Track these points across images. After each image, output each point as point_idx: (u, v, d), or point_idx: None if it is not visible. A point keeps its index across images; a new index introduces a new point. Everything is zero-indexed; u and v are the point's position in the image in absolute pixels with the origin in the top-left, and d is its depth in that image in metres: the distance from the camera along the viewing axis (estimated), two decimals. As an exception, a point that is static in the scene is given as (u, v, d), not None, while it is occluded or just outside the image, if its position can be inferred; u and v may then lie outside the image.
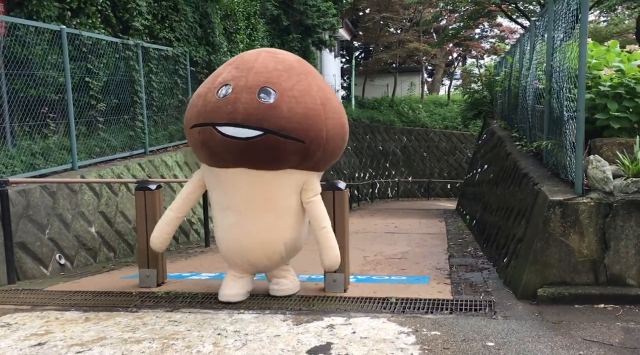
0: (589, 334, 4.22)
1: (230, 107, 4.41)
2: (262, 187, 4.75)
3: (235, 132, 4.40)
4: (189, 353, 4.03)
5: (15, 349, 4.20)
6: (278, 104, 4.42)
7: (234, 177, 4.74)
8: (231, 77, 4.56)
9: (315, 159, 4.74)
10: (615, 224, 4.85)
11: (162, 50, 11.49)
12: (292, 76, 4.60)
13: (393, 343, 4.13)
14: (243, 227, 4.85)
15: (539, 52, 8.41)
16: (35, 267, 6.51)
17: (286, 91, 4.48)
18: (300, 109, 4.49)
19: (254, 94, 4.42)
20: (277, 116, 4.40)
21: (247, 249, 4.94)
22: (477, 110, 21.43)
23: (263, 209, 4.81)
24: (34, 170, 7.43)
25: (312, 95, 4.61)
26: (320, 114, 4.59)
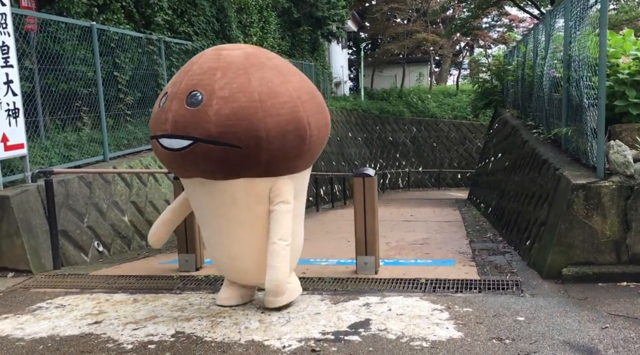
0: (614, 308, 4.48)
1: (164, 116, 4.05)
2: (220, 198, 4.33)
3: (169, 143, 4.04)
4: (238, 329, 4.30)
5: (74, 327, 4.49)
6: (204, 108, 3.94)
7: (194, 188, 4.44)
8: (171, 84, 4.23)
9: (262, 163, 4.13)
10: (637, 205, 5.09)
11: (182, 44, 11.75)
12: (228, 74, 4.05)
13: (428, 319, 4.40)
14: (215, 239, 4.57)
15: (555, 41, 8.63)
16: (76, 253, 6.81)
17: (215, 92, 3.97)
18: (229, 110, 3.93)
19: (183, 101, 3.99)
20: (203, 121, 3.92)
21: (224, 263, 4.68)
22: (488, 100, 21.59)
23: (229, 220, 4.40)
24: (70, 161, 7.72)
25: (248, 91, 4.01)
26: (257, 112, 3.97)
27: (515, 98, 15.50)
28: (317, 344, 3.98)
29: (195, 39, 12.48)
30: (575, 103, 6.34)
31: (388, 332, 4.15)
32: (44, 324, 4.59)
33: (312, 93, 4.43)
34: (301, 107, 4.20)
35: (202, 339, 4.15)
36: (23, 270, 6.12)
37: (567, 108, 7.04)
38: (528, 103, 12.24)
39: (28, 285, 5.75)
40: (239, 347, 3.96)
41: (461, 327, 4.20)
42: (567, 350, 3.73)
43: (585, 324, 4.18)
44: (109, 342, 4.14)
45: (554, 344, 3.84)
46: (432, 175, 30.78)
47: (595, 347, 3.78)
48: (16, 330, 4.47)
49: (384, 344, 3.93)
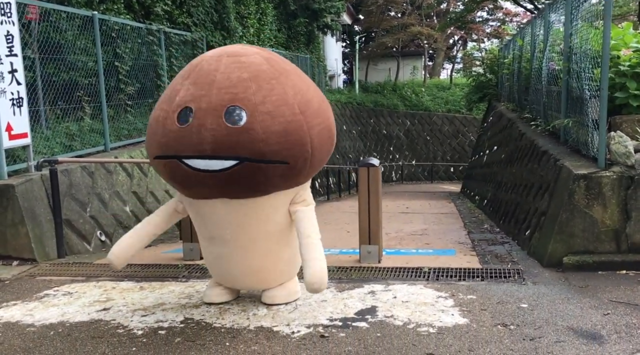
0: (615, 296, 4.57)
1: (196, 137, 3.68)
2: (247, 216, 4.11)
3: (206, 165, 3.73)
4: (246, 315, 4.37)
5: (83, 314, 4.54)
6: (251, 125, 3.66)
7: (213, 209, 4.12)
8: (190, 97, 3.76)
9: (302, 175, 4.07)
10: (637, 195, 5.18)
11: (182, 35, 11.76)
12: (263, 85, 3.79)
13: (433, 306, 4.47)
14: (232, 257, 4.32)
15: (554, 34, 8.70)
16: (79, 242, 6.84)
17: (258, 107, 3.70)
18: (278, 126, 3.72)
19: (221, 118, 3.66)
20: (252, 140, 3.66)
21: (239, 278, 4.52)
22: (482, 93, 21.71)
23: (251, 237, 4.21)
24: (71, 151, 7.74)
25: (290, 103, 3.81)
26: (302, 126, 3.82)
27: (510, 91, 15.59)
28: (325, 330, 4.05)
29: (194, 30, 12.48)
30: (576, 95, 6.41)
31: (395, 318, 4.22)
32: (52, 310, 4.64)
33: (322, 93, 4.31)
34: (327, 112, 4.15)
35: (212, 325, 4.21)
36: (28, 259, 6.15)
37: (566, 100, 7.11)
38: (525, 96, 12.33)
39: (34, 273, 5.79)
40: (249, 333, 4.03)
41: (466, 313, 4.28)
42: (570, 336, 3.81)
43: (587, 310, 4.27)
44: (119, 328, 4.20)
45: (558, 329, 3.92)
46: (426, 168, 30.89)
47: (598, 332, 3.87)
48: (26, 316, 4.51)
49: (392, 330, 4.01)
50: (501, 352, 3.59)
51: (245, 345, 3.82)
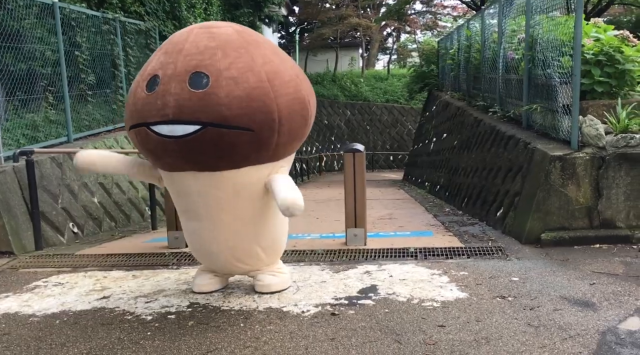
0: (595, 267, 4.89)
1: (160, 101, 3.68)
2: (218, 191, 4.04)
3: (169, 130, 3.68)
4: (252, 298, 4.45)
5: (84, 303, 4.50)
6: (213, 89, 3.64)
7: (183, 182, 4.08)
8: (159, 65, 3.80)
9: (272, 147, 3.92)
10: (608, 174, 5.53)
11: (136, 24, 11.57)
12: (229, 52, 3.77)
13: (430, 282, 4.67)
14: (208, 233, 4.26)
15: (511, 24, 9.06)
16: (53, 235, 6.71)
17: (222, 72, 3.67)
18: (241, 91, 3.67)
19: (184, 82, 3.64)
20: (215, 104, 3.63)
21: (217, 255, 4.38)
22: (423, 83, 22.24)
23: (225, 213, 4.14)
24: (36, 142, 7.57)
25: (256, 71, 3.77)
26: (268, 93, 3.75)
27: (456, 81, 16.05)
28: (333, 308, 4.18)
29: (147, 19, 12.29)
30: (541, 82, 6.74)
31: (397, 295, 4.39)
32: (50, 300, 4.58)
33: (301, 71, 4.22)
34: (301, 86, 4.03)
35: (220, 308, 4.27)
36: (5, 252, 6.01)
37: (528, 87, 7.46)
38: (474, 85, 12.75)
39: (16, 266, 5.67)
40: (260, 314, 4.11)
41: (464, 288, 4.49)
42: (565, 304, 4.07)
43: (574, 281, 4.56)
44: (126, 315, 4.20)
45: (552, 299, 4.18)
46: (366, 157, 31.18)
47: (589, 300, 4.15)
48: (23, 307, 4.44)
49: (398, 306, 4.17)
50: (506, 321, 3.80)
51: (260, 326, 3.90)
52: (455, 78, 16.22)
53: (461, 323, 3.81)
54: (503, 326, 3.73)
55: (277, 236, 4.48)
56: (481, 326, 3.74)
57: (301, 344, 3.58)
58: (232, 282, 4.87)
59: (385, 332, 3.72)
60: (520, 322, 3.79)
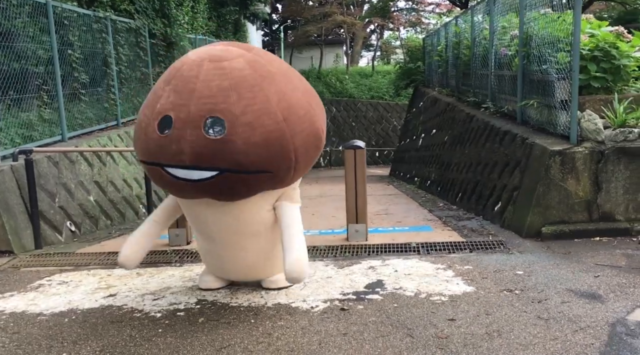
0: (598, 260, 4.95)
1: (175, 146, 3.63)
2: (232, 215, 4.10)
3: (185, 174, 3.69)
4: (259, 294, 4.45)
5: (90, 301, 4.49)
6: (230, 137, 3.57)
7: (199, 208, 4.14)
8: (170, 106, 3.70)
9: (287, 180, 4.00)
10: (607, 168, 5.60)
11: (126, 22, 11.49)
12: (244, 94, 3.67)
13: (436, 277, 4.71)
14: (222, 253, 4.39)
15: (503, 21, 9.13)
16: (52, 233, 6.66)
17: (238, 118, 3.60)
18: (259, 137, 3.62)
19: (200, 129, 3.58)
20: (232, 152, 3.59)
21: (232, 272, 4.58)
22: (409, 80, 22.37)
23: (238, 236, 4.23)
24: (31, 141, 7.50)
25: (272, 112, 3.68)
26: (285, 134, 3.70)
27: (443, 77, 16.14)
28: (342, 303, 4.20)
29: (137, 18, 12.20)
30: (537, 78, 6.81)
31: (404, 290, 4.42)
32: (56, 299, 4.56)
33: (312, 91, 4.15)
34: (314, 115, 3.95)
35: (228, 304, 4.27)
36: (4, 251, 5.96)
37: (522, 84, 7.53)
38: (464, 81, 12.82)
39: (17, 265, 5.62)
40: (269, 310, 4.12)
41: (470, 282, 4.53)
42: (572, 296, 4.13)
43: (578, 274, 4.62)
44: (135, 312, 4.19)
45: (559, 291, 4.24)
46: (352, 154, 31.28)
47: (595, 292, 4.20)
48: (30, 306, 4.41)
49: (406, 300, 4.20)
50: (516, 314, 3.85)
51: (270, 321, 3.91)
52: (443, 74, 16.31)
53: (471, 316, 3.84)
54: (513, 319, 3.77)
55: (280, 251, 4.39)
56: (491, 319, 3.78)
57: (314, 339, 3.60)
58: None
59: (396, 326, 3.74)
60: (530, 315, 3.84)
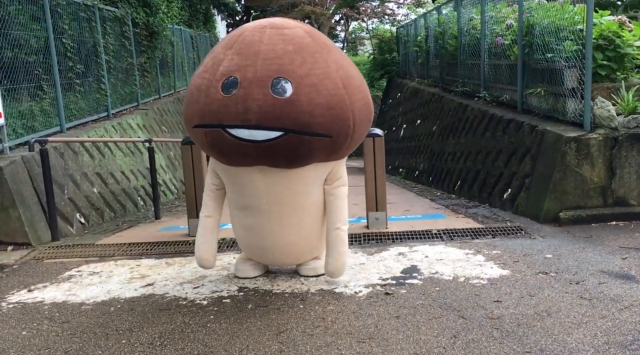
0: (620, 243, 5.12)
1: (241, 106, 3.65)
2: (285, 185, 4.13)
3: (249, 135, 3.68)
4: (299, 281, 4.50)
5: (130, 290, 4.48)
6: (297, 96, 3.65)
7: (251, 176, 4.10)
8: (235, 67, 3.74)
9: (343, 150, 4.05)
10: (620, 154, 5.78)
11: (112, 11, 11.32)
12: (307, 58, 3.78)
13: (468, 261, 4.81)
14: (267, 228, 4.29)
15: (494, 10, 9.30)
16: (63, 225, 6.58)
17: (303, 79, 3.69)
18: (323, 99, 3.71)
19: (267, 88, 3.63)
20: (299, 111, 3.65)
21: (274, 251, 4.43)
22: (384, 71, 22.56)
23: (288, 207, 4.22)
24: (34, 132, 7.38)
25: (333, 77, 3.80)
26: (345, 100, 3.80)
27: (424, 68, 16.31)
28: (384, 288, 4.27)
29: (120, 6, 12.03)
30: (542, 67, 6.96)
31: (441, 274, 4.52)
32: (93, 289, 4.54)
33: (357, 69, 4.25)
34: (366, 87, 4.10)
35: (271, 291, 4.31)
36: (22, 243, 5.88)
37: (522, 72, 7.70)
38: (449, 71, 12.99)
39: (39, 257, 5.56)
40: (314, 296, 4.17)
41: (503, 266, 4.65)
42: (606, 277, 4.27)
43: (606, 256, 4.77)
44: (180, 300, 4.20)
45: (593, 273, 4.38)
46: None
47: (628, 273, 4.35)
48: (69, 296, 4.39)
49: (447, 284, 4.29)
50: (558, 295, 3.97)
51: (320, 306, 3.96)
52: (423, 65, 16.46)
53: (515, 298, 3.95)
54: (557, 300, 3.89)
55: (322, 233, 4.51)
56: (536, 301, 3.89)
57: (368, 322, 3.67)
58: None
59: (445, 308, 3.83)
60: (572, 295, 3.96)
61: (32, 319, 3.97)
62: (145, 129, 11.37)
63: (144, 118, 11.59)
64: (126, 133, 10.13)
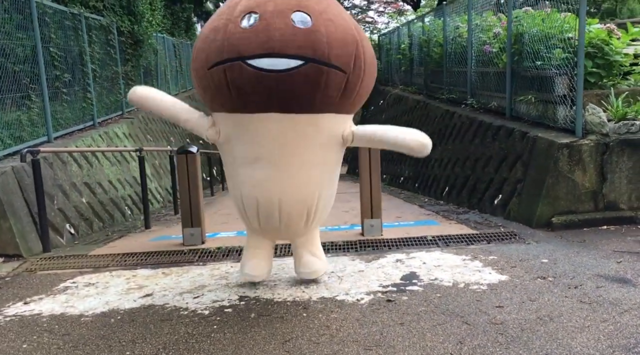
0: (614, 247, 5.19)
1: (263, 35, 3.68)
2: (298, 134, 4.03)
3: (271, 64, 3.68)
4: (300, 289, 4.49)
5: (129, 301, 4.43)
6: (317, 27, 3.73)
7: (263, 124, 3.98)
8: (255, 4, 3.80)
9: (354, 95, 4.02)
10: (611, 159, 5.87)
11: (98, 20, 11.26)
12: (321, 0, 3.92)
13: (466, 267, 4.84)
14: (278, 181, 4.12)
15: (482, 20, 9.40)
16: (54, 236, 6.49)
17: (321, 14, 3.80)
18: (340, 34, 3.81)
19: (288, 18, 3.71)
20: (318, 41, 3.71)
21: (282, 207, 4.20)
22: (364, 78, 22.58)
23: (300, 159, 4.11)
24: (22, 142, 7.29)
25: (345, 19, 3.95)
26: (358, 40, 3.91)
27: (407, 75, 16.43)
28: (385, 295, 4.28)
29: (105, 14, 11.96)
30: (531, 74, 7.05)
31: (441, 280, 4.54)
32: (91, 300, 4.48)
33: None
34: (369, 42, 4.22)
35: (273, 300, 4.29)
36: (12, 255, 5.79)
37: (511, 79, 7.79)
38: (433, 78, 13.10)
39: (32, 269, 5.48)
40: (316, 304, 4.16)
41: (501, 271, 4.68)
42: (604, 281, 4.32)
43: (600, 260, 4.83)
44: (181, 310, 4.17)
45: (590, 277, 4.43)
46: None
47: (624, 277, 4.41)
48: (68, 308, 4.33)
49: (447, 290, 4.31)
50: (558, 300, 4.01)
51: (323, 314, 3.96)
52: (406, 72, 16.59)
53: (517, 303, 3.98)
54: (558, 304, 3.93)
55: (330, 200, 4.47)
56: (537, 305, 3.93)
57: (373, 329, 3.67)
58: (271, 274, 4.88)
59: (448, 314, 3.85)
60: (572, 299, 4.00)
61: (32, 332, 3.91)
62: (131, 137, 11.29)
63: (129, 127, 11.52)
64: (113, 142, 10.05)
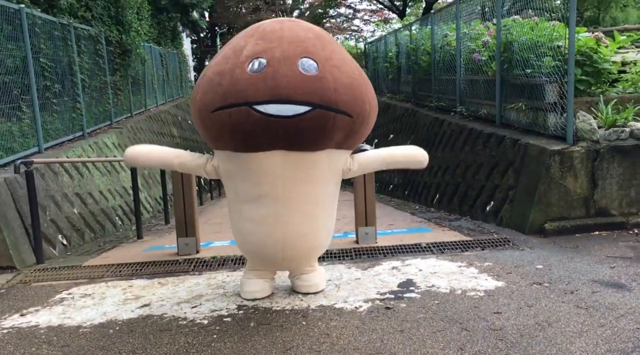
0: (607, 252, 5.25)
1: (271, 82, 3.73)
2: (302, 171, 4.09)
3: (278, 110, 3.73)
4: (298, 298, 4.50)
5: (126, 311, 4.41)
6: (324, 74, 3.80)
7: (267, 162, 4.01)
8: (261, 49, 3.86)
9: (357, 135, 4.14)
10: (602, 166, 5.95)
11: (86, 30, 11.23)
12: (326, 45, 4.00)
13: (462, 274, 4.88)
14: (282, 217, 4.14)
15: (470, 28, 9.50)
16: (46, 247, 6.45)
17: (327, 60, 3.87)
18: (346, 79, 3.88)
19: (295, 65, 3.77)
20: (325, 88, 3.78)
21: (286, 243, 4.23)
22: (352, 86, 22.67)
23: (304, 195, 4.16)
24: (13, 153, 7.25)
25: (349, 64, 4.04)
26: (362, 84, 4.03)
27: (395, 83, 16.52)
28: (383, 302, 4.30)
29: (94, 24, 11.93)
30: (521, 82, 7.13)
31: (438, 287, 4.57)
32: (88, 311, 4.46)
33: None
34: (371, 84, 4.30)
35: (271, 309, 4.30)
36: (6, 267, 5.75)
37: (501, 87, 7.87)
38: (421, 86, 13.18)
39: (26, 280, 5.44)
40: (315, 312, 4.17)
41: (497, 277, 4.72)
42: (599, 287, 4.37)
43: (594, 266, 4.89)
44: (180, 320, 4.16)
45: (586, 283, 4.48)
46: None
47: (619, 281, 4.47)
48: (65, 320, 4.31)
49: (445, 297, 4.34)
50: (555, 305, 4.05)
51: (322, 323, 3.97)
52: (394, 80, 16.69)
53: (514, 309, 4.02)
54: (555, 310, 3.97)
55: (332, 231, 4.53)
56: (535, 311, 3.97)
57: (373, 337, 3.69)
58: (267, 283, 4.88)
59: (447, 321, 3.88)
60: (569, 305, 4.05)
61: (30, 344, 3.89)
62: (120, 147, 11.25)
63: (118, 137, 11.49)
64: (102, 152, 10.02)
